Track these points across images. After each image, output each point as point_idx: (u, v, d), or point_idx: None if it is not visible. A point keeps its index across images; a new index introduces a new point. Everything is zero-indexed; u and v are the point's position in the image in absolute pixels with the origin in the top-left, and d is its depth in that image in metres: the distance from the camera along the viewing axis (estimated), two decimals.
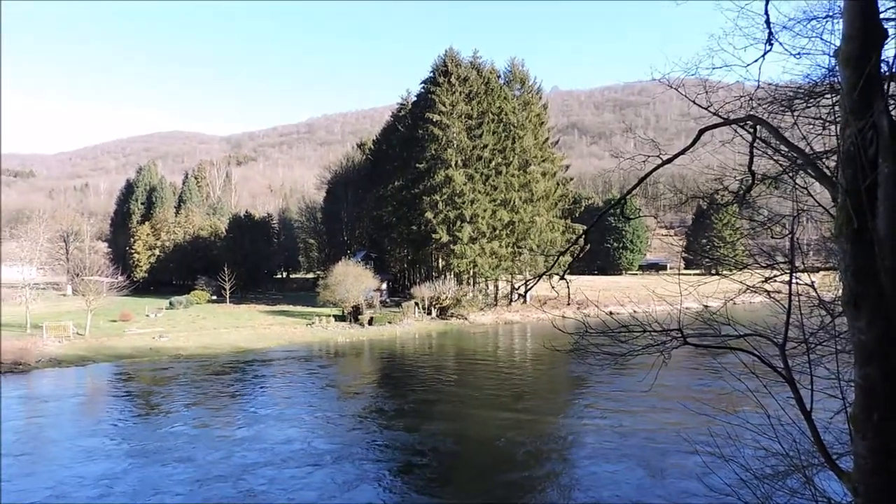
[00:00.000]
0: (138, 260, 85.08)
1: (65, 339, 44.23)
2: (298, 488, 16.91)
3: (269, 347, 43.93)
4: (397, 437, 21.82)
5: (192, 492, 16.88)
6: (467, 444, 21.02)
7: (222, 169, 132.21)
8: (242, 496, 16.50)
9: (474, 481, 17.68)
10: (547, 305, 62.78)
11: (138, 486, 17.46)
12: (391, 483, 17.62)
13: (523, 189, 67.20)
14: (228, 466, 18.82)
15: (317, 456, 19.66)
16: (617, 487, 16.32)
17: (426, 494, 16.79)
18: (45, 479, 18.16)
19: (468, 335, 52.10)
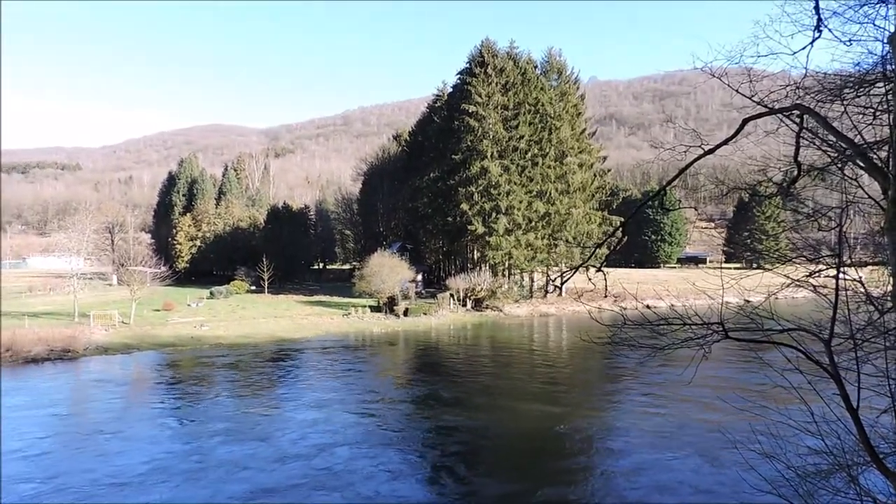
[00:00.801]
0: (180, 251, 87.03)
1: (111, 327, 45.60)
2: (373, 469, 17.53)
3: (307, 337, 44.57)
4: (440, 425, 22.00)
5: (275, 469, 17.82)
6: (504, 434, 21.03)
7: (261, 161, 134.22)
8: (325, 474, 17.45)
9: (513, 469, 17.73)
10: (583, 298, 62.35)
11: (227, 461, 18.56)
12: (438, 470, 17.81)
13: (560, 180, 66.61)
14: (304, 447, 19.91)
15: (376, 439, 20.07)
16: (651, 482, 16.12)
17: (468, 480, 16.86)
18: (141, 455, 19.35)
19: (503, 327, 52.02)
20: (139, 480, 17.19)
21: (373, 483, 16.74)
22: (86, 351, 37.50)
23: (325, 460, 18.50)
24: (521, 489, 16.45)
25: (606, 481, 16.59)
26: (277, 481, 16.98)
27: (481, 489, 16.65)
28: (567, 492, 16.32)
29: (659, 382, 28.02)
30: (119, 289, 70.82)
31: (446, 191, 68.54)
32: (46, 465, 18.48)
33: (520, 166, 64.91)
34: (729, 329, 5.20)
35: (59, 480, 17.21)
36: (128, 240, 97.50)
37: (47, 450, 20.04)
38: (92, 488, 16.62)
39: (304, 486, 16.60)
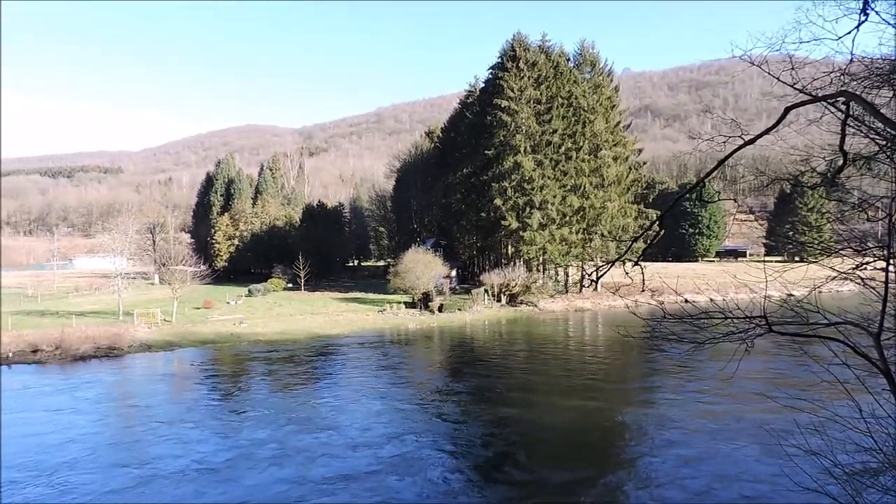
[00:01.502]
0: (219, 249, 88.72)
1: (153, 325, 46.76)
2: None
3: (343, 334, 45.03)
4: (488, 419, 22.02)
5: (349, 457, 18.55)
6: (552, 427, 20.93)
7: (295, 160, 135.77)
8: (398, 460, 18.18)
9: (568, 458, 17.70)
10: (620, 292, 61.66)
11: (303, 448, 19.33)
12: (498, 459, 17.90)
13: (594, 174, 65.91)
14: (372, 436, 20.57)
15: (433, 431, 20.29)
16: (686, 482, 15.86)
17: (508, 474, 16.85)
18: (221, 443, 20.24)
19: (538, 322, 51.76)
20: (227, 466, 17.99)
21: (440, 469, 17.44)
22: (130, 348, 38.52)
23: (394, 448, 19.24)
24: (582, 476, 16.49)
25: (652, 475, 16.35)
26: (354, 467, 17.65)
27: (544, 476, 16.74)
28: (624, 479, 16.27)
29: (699, 377, 27.55)
30: (161, 287, 72.57)
31: (479, 186, 68.44)
32: (138, 453, 19.48)
33: (553, 160, 64.41)
34: (772, 322, 5.08)
35: (153, 466, 18.16)
36: (168, 240, 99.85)
37: (135, 438, 21.06)
38: (186, 472, 17.55)
39: (381, 471, 17.28)
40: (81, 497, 15.95)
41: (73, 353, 36.12)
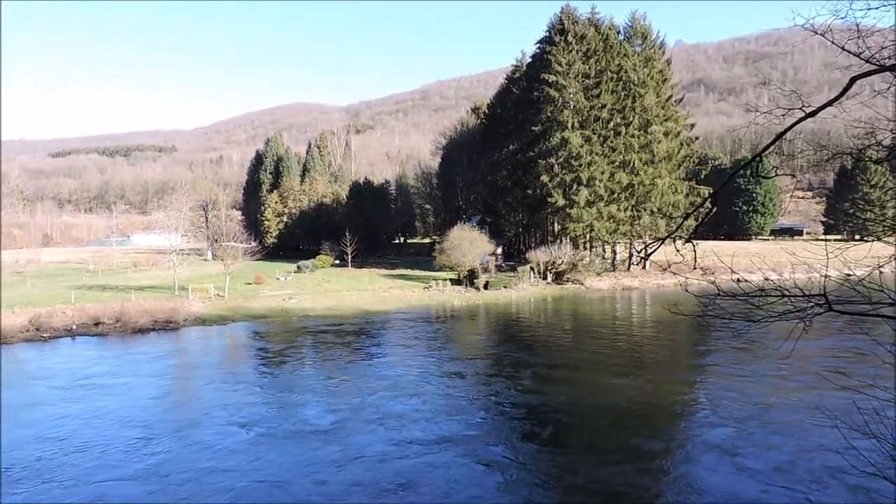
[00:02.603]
0: (268, 226, 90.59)
1: (207, 300, 48.26)
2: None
3: (390, 310, 45.59)
4: (526, 398, 22.09)
5: (442, 421, 19.50)
6: (587, 409, 20.87)
7: (342, 138, 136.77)
8: (488, 425, 19.30)
9: (596, 443, 17.60)
10: (669, 271, 60.52)
11: (398, 413, 20.27)
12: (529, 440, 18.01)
13: (644, 150, 64.42)
14: (454, 404, 21.51)
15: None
16: (741, 465, 15.56)
17: (551, 451, 16.92)
18: (322, 408, 21.26)
19: (584, 300, 51.33)
20: (335, 428, 18.94)
21: (528, 441, 17.94)
22: (185, 322, 39.89)
23: (478, 415, 20.13)
24: (634, 449, 16.48)
25: (703, 455, 16.13)
26: (451, 431, 18.56)
27: (608, 448, 16.94)
28: (676, 457, 16.17)
29: (752, 357, 26.95)
30: (213, 263, 74.76)
31: (526, 163, 67.79)
32: (248, 415, 20.64)
33: (602, 136, 63.20)
34: (832, 301, 4.93)
35: (268, 426, 19.34)
36: (220, 217, 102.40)
37: (241, 402, 22.19)
38: (300, 432, 18.65)
39: (476, 437, 18.11)
40: (219, 453, 17.04)
41: (133, 326, 37.67)
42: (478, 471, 15.55)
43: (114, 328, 37.46)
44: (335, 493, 14.27)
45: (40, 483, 15.18)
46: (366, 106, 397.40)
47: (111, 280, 62.58)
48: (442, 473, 15.27)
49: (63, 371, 27.75)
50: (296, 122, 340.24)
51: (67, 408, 21.72)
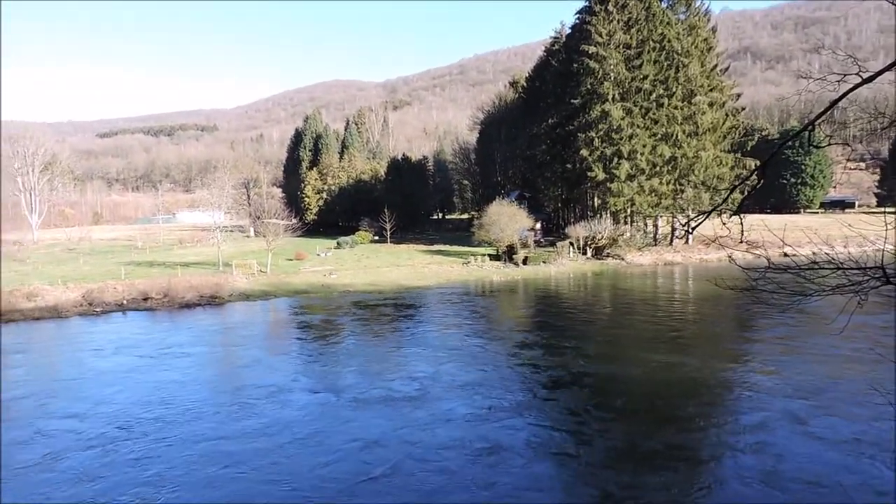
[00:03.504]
0: (308, 203, 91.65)
1: (250, 275, 49.28)
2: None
3: (429, 285, 45.82)
4: (562, 371, 22.04)
5: (515, 389, 19.95)
6: (630, 383, 20.67)
7: (380, 114, 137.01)
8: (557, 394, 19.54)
9: (662, 413, 17.47)
10: (713, 246, 59.19)
11: (472, 382, 20.76)
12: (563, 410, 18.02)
13: (687, 122, 62.72)
14: (521, 374, 22.05)
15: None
16: (788, 445, 15.22)
17: (592, 425, 16.88)
18: (403, 376, 21.67)
19: (625, 276, 50.68)
20: (419, 395, 19.49)
21: (598, 410, 18.20)
22: (230, 297, 40.83)
23: (539, 386, 20.47)
24: (678, 426, 16.34)
25: (753, 435, 15.85)
26: (521, 399, 18.96)
27: (674, 420, 16.90)
28: (723, 434, 15.91)
29: (802, 333, 26.30)
30: (256, 240, 76.20)
31: (565, 137, 66.82)
32: (332, 382, 21.42)
33: (643, 108, 61.76)
34: (891, 274, 4.73)
35: (357, 392, 19.98)
36: (261, 194, 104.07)
37: (322, 371, 23.00)
38: (390, 398, 19.21)
39: (543, 405, 18.55)
40: (315, 416, 17.91)
41: (180, 301, 38.75)
42: (556, 436, 15.98)
43: (161, 303, 38.60)
44: (427, 453, 14.91)
45: (172, 443, 16.15)
46: (402, 81, 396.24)
47: (158, 256, 64.38)
48: (524, 436, 15.79)
49: (143, 342, 29.11)
50: (333, 100, 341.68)
51: (157, 375, 23.10)
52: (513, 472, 13.85)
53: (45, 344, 30.04)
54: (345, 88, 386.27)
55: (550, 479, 13.67)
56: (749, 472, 13.36)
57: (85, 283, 43.27)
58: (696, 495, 12.75)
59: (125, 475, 14.13)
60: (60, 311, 36.55)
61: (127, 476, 14.09)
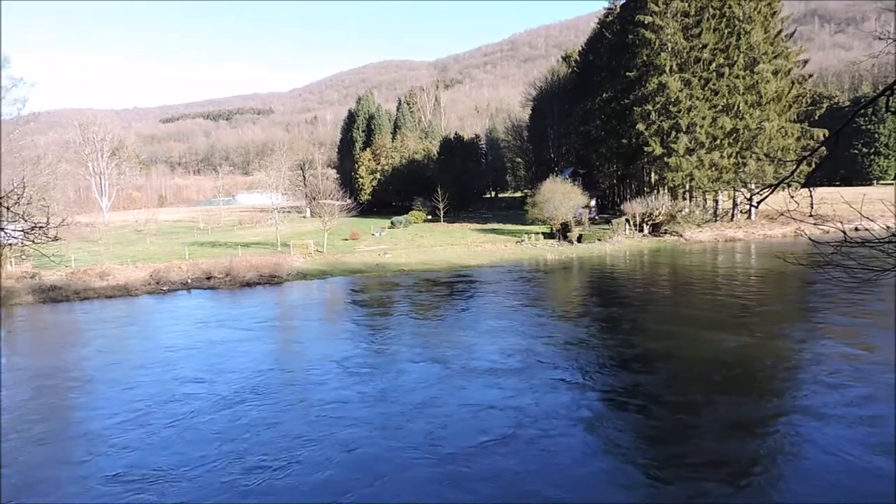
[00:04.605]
0: (362, 184, 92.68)
1: (307, 255, 50.35)
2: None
3: (482, 264, 45.82)
4: (621, 350, 21.79)
5: (587, 370, 19.93)
6: (688, 362, 20.23)
7: (431, 93, 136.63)
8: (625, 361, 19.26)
9: (730, 391, 17.14)
10: (778, 221, 57.03)
11: (562, 356, 21.13)
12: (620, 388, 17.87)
13: (749, 91, 60.16)
14: (592, 346, 22.50)
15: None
16: (850, 428, 14.63)
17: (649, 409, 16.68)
18: (484, 352, 22.00)
19: (683, 253, 49.45)
20: (516, 367, 19.86)
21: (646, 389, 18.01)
22: (288, 276, 41.83)
23: (618, 364, 20.40)
24: (742, 408, 15.89)
25: (821, 414, 15.34)
26: (588, 365, 19.66)
27: (705, 409, 16.39)
28: (791, 416, 15.41)
29: (874, 310, 25.16)
30: (312, 220, 77.69)
31: (620, 111, 65.24)
32: (433, 354, 21.97)
33: (703, 79, 59.60)
34: None
35: (456, 364, 20.49)
36: (317, 175, 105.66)
37: (405, 347, 23.52)
38: (490, 370, 19.68)
39: (634, 383, 18.49)
40: (428, 385, 18.45)
41: (241, 280, 39.97)
42: (656, 410, 16.03)
43: (224, 282, 39.90)
44: (537, 420, 15.34)
45: (298, 406, 17.09)
46: (453, 60, 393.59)
47: (219, 237, 66.49)
48: (626, 414, 15.89)
49: (241, 316, 30.79)
50: (385, 80, 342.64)
51: (264, 345, 24.63)
52: (611, 436, 14.42)
53: (147, 318, 31.85)
54: (396, 69, 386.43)
55: (650, 439, 14.30)
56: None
57: (152, 263, 45.17)
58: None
59: (259, 436, 14.94)
60: (130, 290, 38.30)
61: (261, 437, 14.88)
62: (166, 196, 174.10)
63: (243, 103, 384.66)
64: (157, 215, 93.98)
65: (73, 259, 45.23)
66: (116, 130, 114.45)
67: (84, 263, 45.22)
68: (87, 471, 13.41)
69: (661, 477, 12.44)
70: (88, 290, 37.87)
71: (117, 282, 39.82)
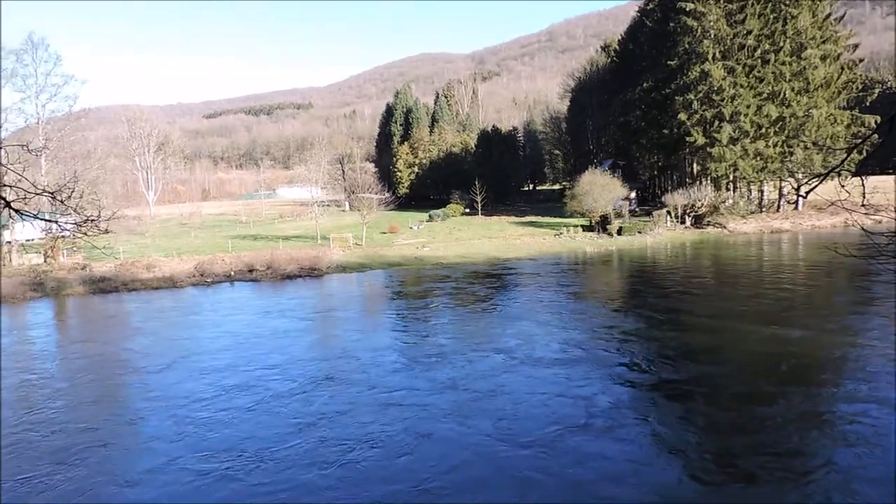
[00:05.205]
0: (400, 177, 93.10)
1: (346, 248, 50.93)
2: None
3: (520, 257, 45.65)
4: (661, 346, 21.50)
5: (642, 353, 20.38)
6: (735, 359, 19.78)
7: (469, 86, 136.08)
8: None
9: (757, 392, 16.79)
10: (827, 211, 55.36)
11: (615, 348, 21.14)
12: None
13: (797, 78, 58.37)
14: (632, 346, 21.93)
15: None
16: None
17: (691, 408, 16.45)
18: (552, 342, 22.10)
19: (727, 245, 48.40)
20: (577, 358, 19.93)
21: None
22: (328, 269, 42.38)
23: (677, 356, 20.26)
24: (789, 405, 15.49)
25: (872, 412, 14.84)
26: (649, 357, 19.65)
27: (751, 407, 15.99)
28: (843, 413, 15.05)
29: None
30: (351, 214, 78.48)
31: (661, 101, 64.04)
32: (499, 346, 21.99)
33: (747, 66, 58.07)
34: None
35: (520, 354, 20.60)
36: (355, 169, 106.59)
37: (482, 337, 23.64)
38: (558, 360, 19.80)
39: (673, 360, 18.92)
40: (498, 374, 18.60)
41: (282, 273, 40.66)
42: (726, 401, 15.93)
43: (265, 274, 40.67)
44: (608, 409, 15.38)
45: (371, 393, 17.43)
46: (491, 52, 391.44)
47: (261, 230, 67.76)
48: (696, 405, 15.76)
49: (297, 306, 31.64)
50: (422, 74, 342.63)
51: (326, 334, 25.65)
52: (684, 426, 14.44)
53: (208, 307, 32.56)
54: (433, 62, 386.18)
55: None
56: None
57: (196, 256, 46.37)
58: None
59: (336, 421, 15.31)
60: (176, 281, 39.38)
61: (339, 422, 15.24)
62: (209, 190, 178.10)
63: (283, 98, 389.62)
64: (201, 209, 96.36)
65: (122, 251, 46.71)
66: (162, 126, 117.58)
67: (131, 255, 46.63)
68: (180, 450, 13.98)
69: (745, 469, 12.19)
70: (136, 281, 39.08)
71: (163, 273, 40.97)
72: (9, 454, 14.10)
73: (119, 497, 12.01)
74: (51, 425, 15.88)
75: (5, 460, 13.85)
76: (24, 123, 50.97)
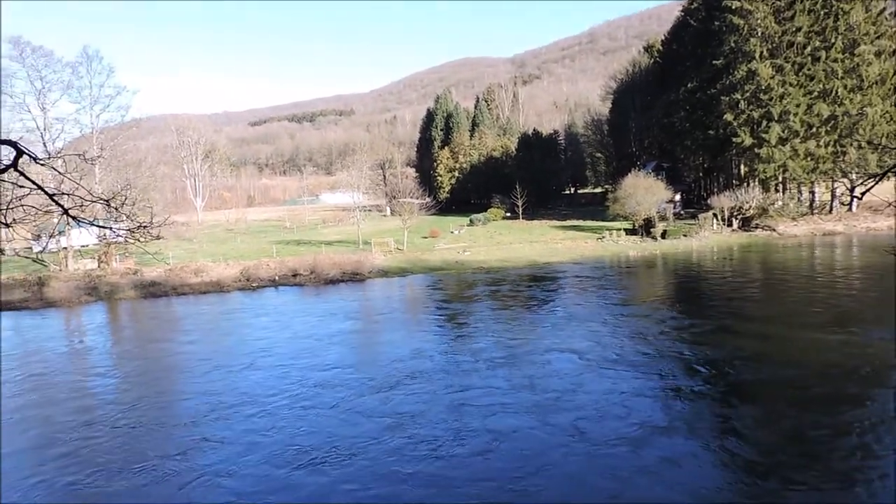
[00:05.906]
0: (441, 182, 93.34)
1: (387, 253, 51.32)
2: None
3: (562, 261, 45.26)
4: (705, 352, 21.03)
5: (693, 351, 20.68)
6: (810, 362, 19.10)
7: (509, 90, 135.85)
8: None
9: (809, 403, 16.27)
10: (884, 213, 53.35)
11: (667, 353, 21.01)
12: None
13: (849, 75, 56.41)
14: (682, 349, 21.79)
15: None
16: None
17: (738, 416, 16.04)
18: (611, 345, 22.12)
19: (776, 248, 47.06)
20: (639, 360, 19.99)
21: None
22: (370, 274, 42.77)
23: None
24: (843, 414, 15.05)
25: None
26: (722, 360, 19.51)
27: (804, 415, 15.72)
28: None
29: None
30: (392, 219, 79.11)
31: (706, 101, 62.75)
32: (569, 347, 22.06)
33: (796, 64, 56.42)
34: None
35: (589, 356, 20.65)
36: (396, 174, 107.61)
37: (533, 338, 23.80)
38: (608, 362, 19.88)
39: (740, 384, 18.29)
40: (573, 376, 18.71)
41: (325, 277, 41.25)
42: (813, 403, 15.70)
43: (309, 279, 41.30)
44: (688, 411, 15.55)
45: (444, 393, 17.78)
46: (531, 55, 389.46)
47: (304, 236, 68.83)
48: (784, 407, 15.52)
49: (356, 310, 32.78)
50: (462, 78, 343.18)
51: (387, 336, 25.92)
52: (775, 428, 14.28)
53: (273, 311, 33.20)
54: (473, 66, 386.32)
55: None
56: None
57: (242, 261, 47.35)
58: None
59: (419, 420, 15.62)
60: (222, 286, 40.34)
61: (421, 421, 15.55)
62: (255, 196, 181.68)
63: (325, 105, 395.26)
64: (247, 215, 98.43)
65: (171, 256, 48.05)
66: (209, 134, 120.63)
67: (180, 261, 47.93)
68: (275, 444, 14.55)
69: (838, 469, 12.07)
70: (185, 285, 40.19)
71: (210, 278, 42.00)
72: (130, 439, 15.40)
73: (218, 487, 12.65)
74: (153, 422, 16.82)
75: (119, 444, 14.97)
76: (79, 133, 52.84)
